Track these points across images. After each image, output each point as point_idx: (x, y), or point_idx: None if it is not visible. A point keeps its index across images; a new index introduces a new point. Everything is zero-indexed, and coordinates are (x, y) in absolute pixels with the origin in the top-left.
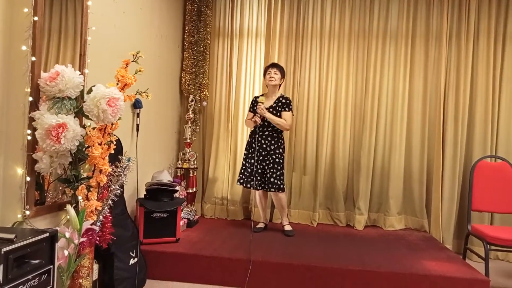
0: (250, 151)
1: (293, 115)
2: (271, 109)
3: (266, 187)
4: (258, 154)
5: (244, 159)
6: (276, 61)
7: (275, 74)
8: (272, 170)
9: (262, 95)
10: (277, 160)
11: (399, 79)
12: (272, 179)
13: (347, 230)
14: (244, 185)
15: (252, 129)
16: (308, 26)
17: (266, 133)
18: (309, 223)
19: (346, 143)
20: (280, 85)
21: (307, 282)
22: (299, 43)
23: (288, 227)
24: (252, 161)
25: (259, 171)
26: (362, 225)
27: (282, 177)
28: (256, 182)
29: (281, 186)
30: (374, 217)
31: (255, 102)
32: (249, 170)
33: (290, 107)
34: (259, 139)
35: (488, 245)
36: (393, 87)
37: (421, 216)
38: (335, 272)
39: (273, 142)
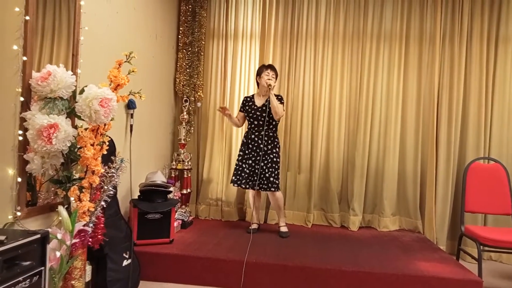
0: (246, 152)
1: (284, 110)
2: (263, 107)
3: (265, 186)
4: (255, 154)
5: (240, 160)
6: (271, 63)
7: (273, 77)
8: (270, 170)
9: (252, 95)
10: (274, 159)
11: (393, 80)
12: (271, 179)
13: (341, 231)
14: (243, 186)
15: (247, 129)
16: (302, 27)
17: (263, 133)
18: (304, 224)
19: (340, 145)
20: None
21: (301, 283)
22: (293, 45)
23: (284, 228)
24: (250, 161)
25: (256, 171)
26: (357, 226)
27: (278, 176)
28: (255, 183)
29: (278, 184)
30: (369, 218)
31: (246, 101)
32: (246, 170)
33: (282, 101)
34: (256, 139)
35: (481, 246)
36: (387, 88)
37: (415, 217)
38: (329, 273)
39: (269, 141)
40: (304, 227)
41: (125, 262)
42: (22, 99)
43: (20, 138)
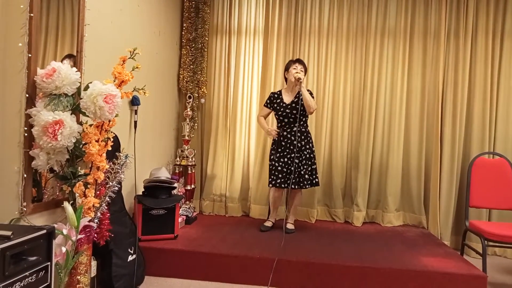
0: (279, 150)
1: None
2: (293, 104)
3: (301, 184)
4: (289, 151)
5: (273, 159)
6: (274, 59)
7: (301, 70)
8: (305, 167)
9: (279, 91)
10: (308, 155)
11: (397, 76)
12: (306, 176)
13: (345, 227)
14: (283, 186)
15: (277, 127)
16: (306, 23)
17: (294, 129)
18: (307, 219)
19: (344, 141)
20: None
21: (305, 279)
22: (297, 41)
23: (291, 226)
24: (285, 159)
25: (292, 169)
26: (360, 222)
27: (315, 172)
28: (293, 181)
29: (315, 181)
30: (372, 214)
31: (273, 98)
32: (284, 169)
33: (313, 95)
34: (288, 135)
35: (485, 241)
36: (391, 84)
37: (419, 212)
38: (333, 269)
39: (302, 137)
40: (307, 222)
41: (130, 258)
42: (27, 95)
43: (26, 134)
